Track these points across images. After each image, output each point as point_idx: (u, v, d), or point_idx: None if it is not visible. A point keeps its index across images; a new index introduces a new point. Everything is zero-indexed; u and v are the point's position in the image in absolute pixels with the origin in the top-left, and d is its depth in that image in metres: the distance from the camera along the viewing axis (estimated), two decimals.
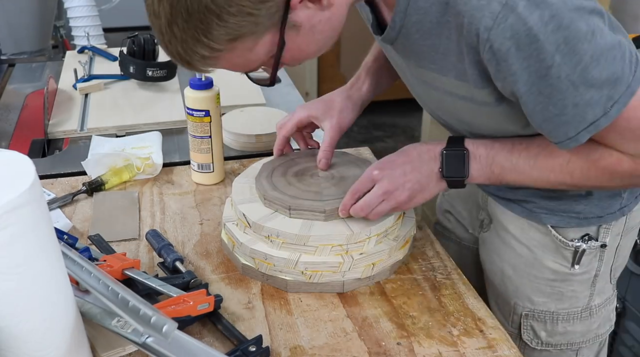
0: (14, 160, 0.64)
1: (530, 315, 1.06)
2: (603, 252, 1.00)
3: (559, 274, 1.02)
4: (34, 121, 1.49)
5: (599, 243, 0.99)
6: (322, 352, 0.82)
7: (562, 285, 1.02)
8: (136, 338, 0.72)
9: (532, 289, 1.04)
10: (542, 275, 1.02)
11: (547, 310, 1.04)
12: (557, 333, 1.05)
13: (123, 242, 1.04)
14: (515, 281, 1.06)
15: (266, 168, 1.03)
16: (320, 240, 0.91)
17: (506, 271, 1.07)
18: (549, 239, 1.00)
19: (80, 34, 2.12)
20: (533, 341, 1.07)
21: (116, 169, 1.20)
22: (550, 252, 1.01)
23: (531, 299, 1.05)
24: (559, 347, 1.06)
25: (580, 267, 1.00)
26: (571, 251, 0.99)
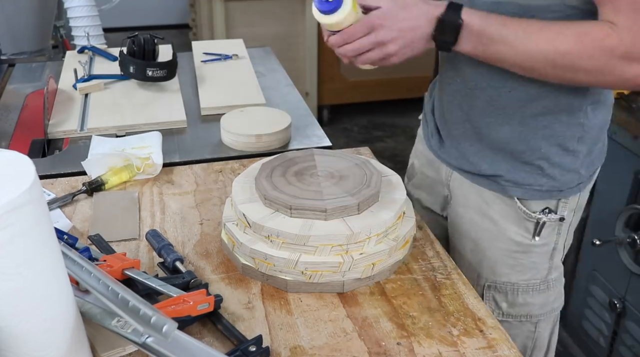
0: (14, 160, 0.64)
1: (492, 286, 1.10)
2: (560, 225, 1.06)
3: (521, 245, 1.06)
4: (34, 121, 1.49)
5: (558, 216, 1.05)
6: (322, 352, 0.82)
7: (523, 256, 1.07)
8: (136, 338, 0.72)
9: (495, 261, 1.09)
10: (505, 246, 1.07)
11: (509, 281, 1.09)
12: (517, 304, 1.10)
13: (123, 242, 1.04)
14: (478, 254, 1.10)
15: (266, 168, 1.03)
16: (320, 240, 0.91)
17: (467, 245, 1.12)
18: (513, 210, 1.05)
19: (80, 34, 2.12)
20: (495, 311, 1.11)
21: (116, 169, 1.20)
22: (514, 223, 1.06)
23: (494, 271, 1.09)
24: (519, 318, 1.12)
25: (540, 239, 1.06)
26: (533, 222, 1.05)
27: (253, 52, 1.94)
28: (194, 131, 1.45)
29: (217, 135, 1.41)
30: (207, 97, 1.58)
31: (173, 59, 1.64)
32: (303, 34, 3.42)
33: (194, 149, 1.37)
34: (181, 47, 1.92)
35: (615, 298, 1.70)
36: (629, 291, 1.67)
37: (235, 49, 1.91)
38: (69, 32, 2.26)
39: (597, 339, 1.82)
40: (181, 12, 4.90)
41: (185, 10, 4.58)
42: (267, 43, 2.26)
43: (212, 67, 1.79)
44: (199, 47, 1.94)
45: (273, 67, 1.86)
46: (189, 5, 4.29)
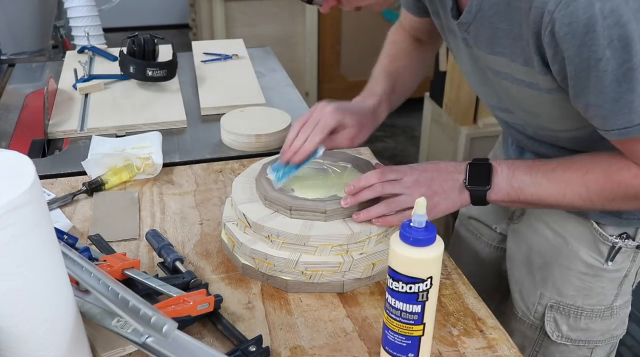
0: (14, 160, 0.64)
1: (555, 307, 1.07)
2: (637, 253, 1.02)
3: (592, 268, 1.03)
4: (34, 121, 1.48)
5: (635, 243, 1.01)
6: (322, 352, 0.82)
7: (593, 280, 1.03)
8: (136, 338, 0.72)
9: (562, 281, 1.05)
10: (574, 267, 1.04)
11: (574, 304, 1.05)
12: (579, 329, 1.07)
13: (123, 242, 1.04)
14: (545, 271, 1.07)
15: (266, 168, 1.03)
16: (321, 240, 0.91)
17: (535, 260, 1.08)
18: (588, 231, 1.02)
19: (80, 34, 2.12)
20: (554, 333, 1.08)
21: (116, 169, 1.20)
22: (587, 245, 1.02)
23: (560, 291, 1.06)
24: (577, 343, 1.08)
25: (613, 265, 1.02)
26: (608, 246, 1.01)
27: (253, 52, 1.94)
28: (194, 131, 1.45)
29: (217, 135, 1.41)
30: (207, 97, 1.58)
31: (173, 59, 1.64)
32: (303, 34, 3.41)
33: (194, 149, 1.37)
34: (181, 47, 1.92)
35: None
36: None
37: (235, 49, 1.91)
38: (69, 32, 2.26)
39: None
40: (181, 12, 4.90)
41: (185, 10, 4.58)
42: (267, 43, 2.26)
43: (212, 67, 1.79)
44: (199, 47, 1.94)
45: (273, 67, 1.86)
46: (189, 5, 4.29)
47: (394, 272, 0.72)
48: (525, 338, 1.11)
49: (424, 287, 0.72)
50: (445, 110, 2.55)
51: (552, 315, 1.07)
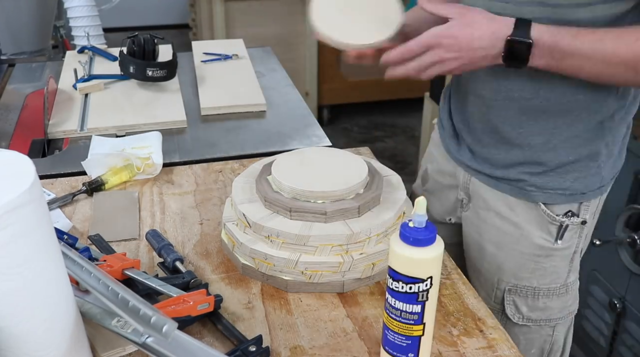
0: (14, 160, 0.64)
1: (513, 290, 1.10)
2: (582, 228, 1.06)
3: (544, 249, 1.06)
4: (34, 121, 1.49)
5: (580, 219, 1.05)
6: (322, 352, 0.82)
7: (545, 260, 1.07)
8: (136, 338, 0.72)
9: (517, 265, 1.08)
10: (527, 250, 1.07)
11: (530, 285, 1.09)
12: (538, 308, 1.10)
13: (123, 242, 1.04)
14: (499, 258, 1.10)
15: (267, 169, 1.03)
16: (320, 240, 0.91)
17: (488, 248, 1.11)
18: (536, 214, 1.05)
19: (80, 34, 2.12)
20: (515, 315, 1.11)
21: (116, 169, 1.20)
22: (537, 227, 1.05)
23: (515, 275, 1.09)
24: (538, 322, 1.11)
25: (562, 243, 1.06)
26: (556, 225, 1.04)
27: (253, 52, 1.94)
28: (194, 131, 1.45)
29: (217, 135, 1.41)
30: (207, 97, 1.58)
31: (173, 59, 1.64)
32: (303, 34, 3.41)
33: (194, 149, 1.37)
34: (181, 47, 1.92)
35: (615, 298, 1.70)
36: (629, 291, 1.67)
37: (235, 49, 1.91)
38: (69, 32, 2.26)
39: (597, 339, 1.82)
40: (181, 12, 4.90)
41: (185, 10, 4.58)
42: (267, 43, 2.26)
43: (212, 67, 1.79)
44: (199, 47, 1.94)
45: (273, 67, 1.86)
46: (189, 5, 4.29)
47: (394, 272, 0.72)
48: None
49: (424, 287, 0.72)
50: None
51: (511, 298, 1.11)
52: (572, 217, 1.04)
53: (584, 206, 1.05)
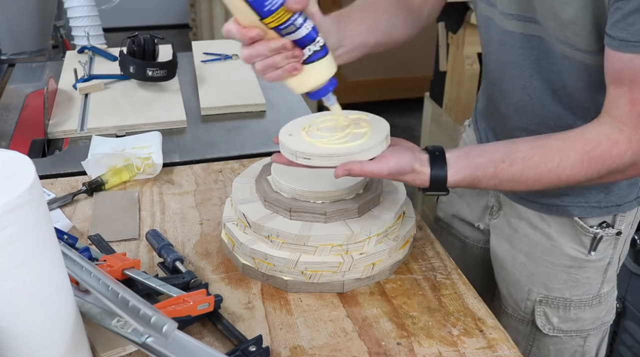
0: (14, 160, 0.64)
1: (544, 301, 1.07)
2: (617, 239, 1.03)
3: (576, 261, 1.04)
4: (34, 121, 1.49)
5: (615, 230, 1.02)
6: (322, 352, 0.82)
7: (578, 272, 1.04)
8: (136, 338, 0.72)
9: (549, 276, 1.06)
10: (559, 261, 1.04)
11: (562, 296, 1.06)
12: (569, 319, 1.08)
13: (123, 242, 1.04)
14: (530, 268, 1.07)
15: (266, 169, 1.03)
16: (320, 240, 0.91)
17: (519, 258, 1.08)
18: (569, 225, 1.02)
19: (80, 34, 2.12)
20: (546, 326, 1.09)
21: (116, 169, 1.20)
22: (569, 238, 1.03)
23: (547, 286, 1.06)
24: (569, 333, 1.09)
25: (596, 254, 1.03)
26: (590, 237, 1.01)
27: None
28: (194, 131, 1.45)
29: (217, 135, 1.41)
30: (207, 97, 1.58)
31: (173, 59, 1.64)
32: None
33: (194, 149, 1.37)
34: (181, 47, 1.92)
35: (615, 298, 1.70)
36: (629, 291, 1.67)
37: (235, 49, 1.91)
38: (69, 32, 2.26)
39: None
40: (181, 12, 4.90)
41: (185, 10, 4.58)
42: None
43: (212, 67, 1.79)
44: (199, 47, 1.94)
45: None
46: (189, 5, 4.29)
47: None
48: (518, 333, 1.12)
49: None
50: (445, 110, 2.55)
51: (541, 309, 1.08)
52: (607, 228, 1.01)
53: (619, 216, 1.02)
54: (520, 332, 1.12)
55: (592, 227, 1.01)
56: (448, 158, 0.86)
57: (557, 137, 0.85)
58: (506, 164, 0.85)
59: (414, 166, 0.86)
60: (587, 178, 0.84)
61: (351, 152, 0.85)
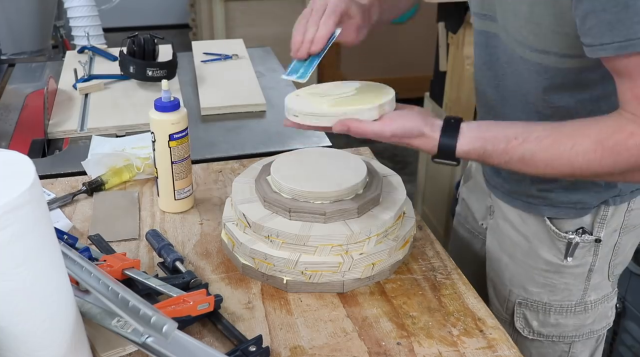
0: (14, 160, 0.64)
1: (523, 303, 1.08)
2: (598, 247, 1.01)
3: (553, 265, 1.03)
4: (34, 121, 1.49)
5: (593, 237, 1.00)
6: (322, 352, 0.82)
7: (555, 277, 1.04)
8: (136, 338, 0.72)
9: (527, 278, 1.06)
10: (536, 265, 1.04)
11: (540, 300, 1.06)
12: (549, 324, 1.07)
13: (123, 242, 1.04)
14: (512, 269, 1.08)
15: (266, 169, 1.03)
16: (320, 240, 0.91)
17: (504, 259, 1.09)
18: (544, 229, 1.02)
19: (80, 34, 2.12)
20: (525, 329, 1.09)
21: (116, 169, 1.20)
22: (545, 243, 1.03)
23: (525, 288, 1.07)
24: (551, 338, 1.08)
25: (573, 260, 1.02)
26: (564, 243, 1.01)
27: (253, 52, 1.94)
28: (194, 131, 1.45)
29: (217, 135, 1.41)
30: (207, 97, 1.58)
31: (173, 59, 1.64)
32: None
33: (194, 149, 1.36)
34: (181, 47, 1.92)
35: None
36: (629, 291, 1.67)
37: (235, 49, 1.91)
38: (69, 32, 2.26)
39: None
40: (181, 12, 4.90)
41: (185, 10, 4.58)
42: (267, 43, 2.25)
43: (212, 67, 1.79)
44: (199, 47, 1.95)
45: (273, 67, 1.86)
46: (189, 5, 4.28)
47: None
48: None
49: None
50: (445, 110, 2.55)
51: (521, 311, 1.08)
52: (584, 235, 1.00)
53: (597, 223, 1.00)
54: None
55: (567, 232, 1.00)
56: (462, 127, 0.85)
57: (573, 123, 0.83)
58: (518, 142, 0.82)
59: (423, 130, 0.86)
60: (604, 170, 0.80)
61: (339, 114, 0.86)
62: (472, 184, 1.22)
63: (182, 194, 1.10)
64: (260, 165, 1.07)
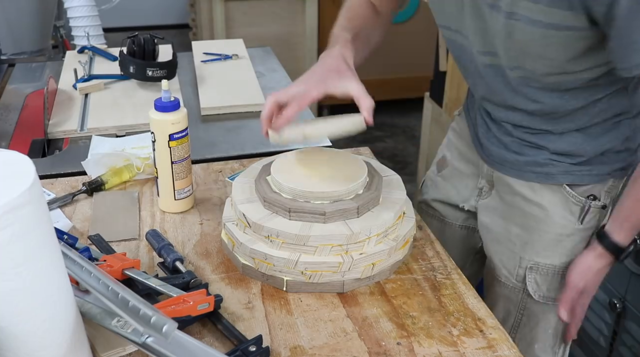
0: (14, 160, 0.64)
1: (534, 268, 1.13)
2: (602, 213, 1.10)
3: (567, 228, 1.10)
4: (34, 121, 1.49)
5: (601, 204, 1.08)
6: (322, 352, 0.82)
7: (567, 240, 1.10)
8: (136, 338, 0.72)
9: (541, 244, 1.11)
10: (552, 230, 1.10)
11: (551, 263, 1.12)
12: (557, 287, 1.13)
13: (123, 242, 1.04)
14: (524, 238, 1.13)
15: (266, 169, 1.03)
16: (320, 240, 0.91)
17: (513, 230, 1.14)
18: (560, 195, 1.08)
19: (80, 34, 2.12)
20: (536, 293, 1.13)
21: (116, 169, 1.20)
22: (561, 207, 1.09)
23: (538, 253, 1.12)
24: (556, 302, 1.13)
25: (584, 224, 1.09)
26: (579, 206, 1.08)
27: (253, 52, 1.94)
28: (194, 131, 1.45)
29: (217, 135, 1.41)
30: (207, 97, 1.58)
31: (173, 59, 1.64)
32: (303, 34, 3.41)
33: (194, 149, 1.36)
34: (181, 47, 1.92)
35: (615, 298, 1.70)
36: (629, 291, 1.67)
37: (235, 49, 1.91)
38: (69, 32, 2.26)
39: (597, 339, 1.82)
40: (181, 12, 4.90)
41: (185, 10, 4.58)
42: (267, 43, 2.26)
43: (212, 67, 1.79)
44: (199, 47, 1.95)
45: (273, 67, 1.86)
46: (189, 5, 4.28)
47: None
48: (510, 302, 1.17)
49: None
50: (445, 110, 2.55)
51: (532, 276, 1.13)
52: (594, 201, 1.08)
53: (605, 191, 1.09)
54: (512, 300, 1.17)
55: (583, 197, 1.08)
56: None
57: None
58: None
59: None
60: None
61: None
62: (449, 172, 1.28)
63: (182, 194, 1.10)
64: (260, 165, 1.07)
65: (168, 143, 1.05)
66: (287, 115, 0.96)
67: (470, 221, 1.28)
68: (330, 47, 1.07)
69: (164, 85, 1.03)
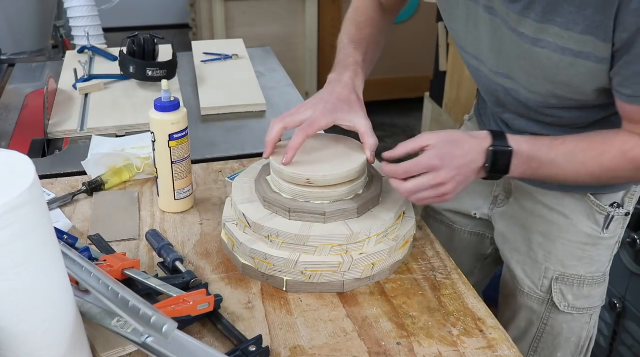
0: (14, 160, 0.64)
1: (560, 278, 1.12)
2: (625, 220, 1.10)
3: (591, 238, 1.09)
4: (34, 121, 1.49)
5: (624, 211, 1.08)
6: (322, 352, 0.82)
7: (592, 249, 1.09)
8: (136, 338, 0.72)
9: (565, 253, 1.10)
10: (576, 239, 1.09)
11: (577, 274, 1.11)
12: (583, 297, 1.13)
13: (123, 242, 1.04)
14: (548, 247, 1.11)
15: (266, 169, 1.03)
16: (320, 240, 0.91)
17: (535, 239, 1.12)
18: (585, 204, 1.07)
19: (80, 34, 2.12)
20: (562, 303, 1.13)
21: (116, 169, 1.20)
22: (585, 216, 1.08)
23: (563, 263, 1.11)
24: (581, 311, 1.13)
25: (608, 233, 1.08)
26: (604, 215, 1.07)
27: (253, 52, 1.94)
28: (194, 131, 1.45)
29: (217, 135, 1.41)
30: (207, 97, 1.58)
31: (173, 59, 1.64)
32: (303, 34, 3.41)
33: (194, 149, 1.36)
34: (181, 47, 1.92)
35: (615, 298, 1.70)
36: (629, 291, 1.67)
37: (235, 49, 1.91)
38: (69, 32, 2.26)
39: (597, 339, 1.82)
40: (181, 12, 4.90)
41: (185, 10, 4.58)
42: (267, 43, 2.26)
43: (212, 67, 1.79)
44: (199, 47, 1.94)
45: (273, 67, 1.86)
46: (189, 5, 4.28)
47: None
48: (533, 313, 1.16)
49: None
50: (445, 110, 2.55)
51: (558, 287, 1.12)
52: (618, 209, 1.07)
53: (627, 198, 1.08)
54: (535, 311, 1.16)
55: (606, 205, 1.06)
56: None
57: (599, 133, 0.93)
58: (559, 142, 0.91)
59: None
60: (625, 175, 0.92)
61: None
62: None
63: (182, 194, 1.10)
64: (260, 165, 1.07)
65: (168, 143, 1.05)
66: (294, 145, 0.95)
67: (480, 227, 1.26)
68: (340, 69, 1.06)
69: (164, 85, 1.03)
